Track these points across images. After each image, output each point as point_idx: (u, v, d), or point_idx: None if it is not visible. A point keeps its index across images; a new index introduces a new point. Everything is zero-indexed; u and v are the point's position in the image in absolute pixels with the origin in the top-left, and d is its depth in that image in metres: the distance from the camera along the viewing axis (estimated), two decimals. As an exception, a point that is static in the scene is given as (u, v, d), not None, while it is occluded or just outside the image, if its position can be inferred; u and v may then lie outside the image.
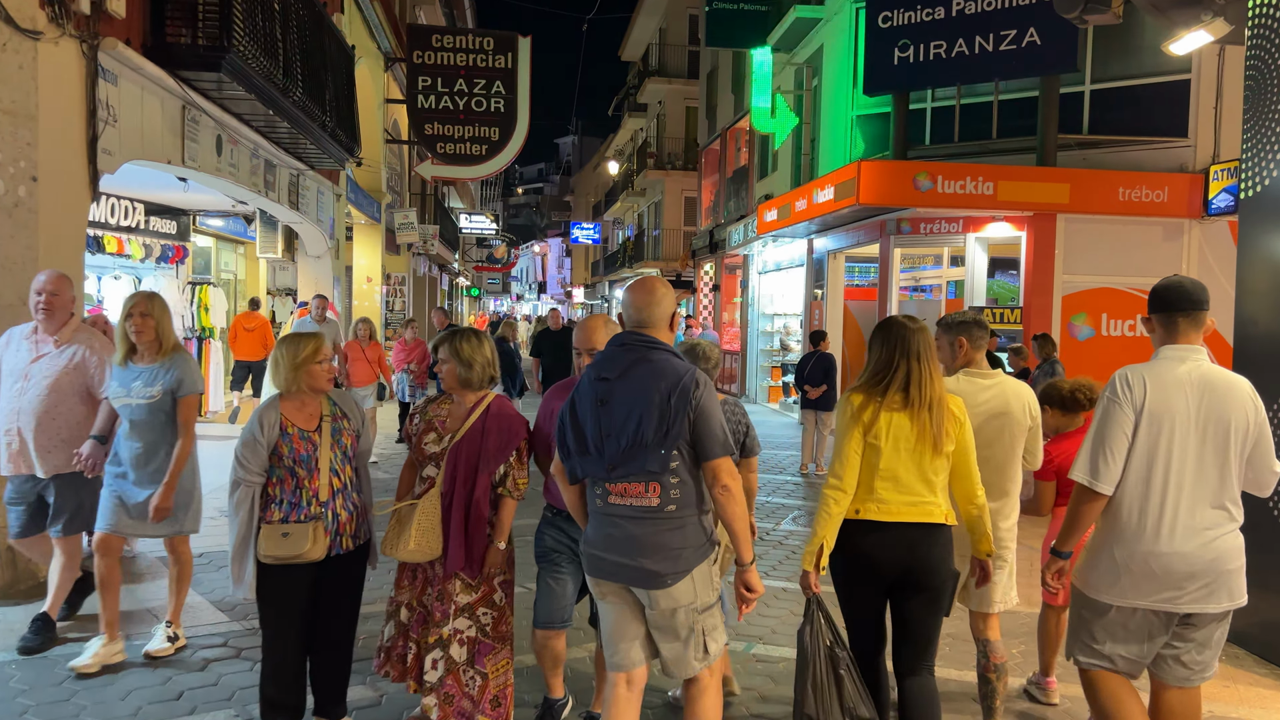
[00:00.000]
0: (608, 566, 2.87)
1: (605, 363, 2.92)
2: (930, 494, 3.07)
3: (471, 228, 36.61)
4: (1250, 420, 2.88)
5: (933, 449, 3.06)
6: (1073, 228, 11.13)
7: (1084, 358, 11.20)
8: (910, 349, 3.10)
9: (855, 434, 3.08)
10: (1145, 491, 2.89)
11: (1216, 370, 2.93)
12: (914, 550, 3.06)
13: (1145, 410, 2.86)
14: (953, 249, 12.62)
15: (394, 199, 20.56)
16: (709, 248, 23.17)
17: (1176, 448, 2.86)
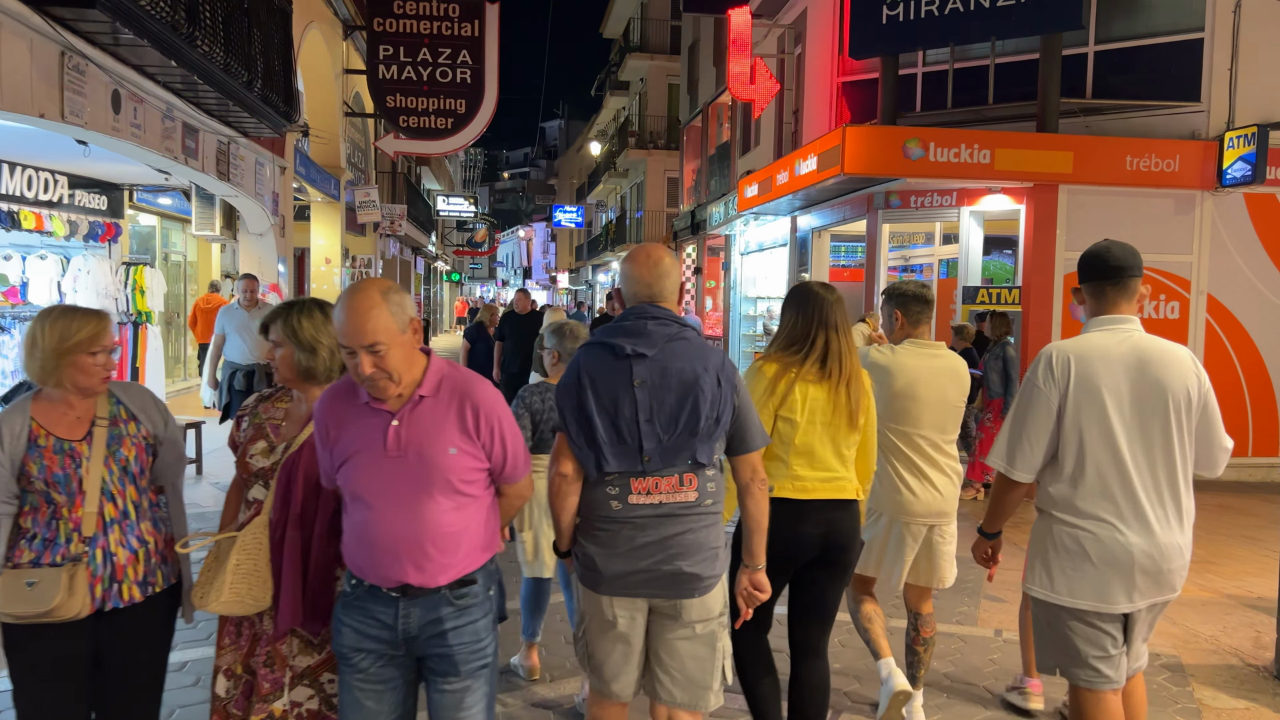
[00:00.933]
0: (635, 580, 2.51)
1: (632, 337, 2.55)
2: (844, 469, 3.03)
3: (449, 210, 35.58)
4: (1193, 392, 2.66)
5: (849, 423, 3.00)
6: (1076, 200, 10.24)
7: (1087, 341, 10.32)
8: (829, 320, 3.01)
9: (769, 407, 2.96)
10: (1081, 480, 2.66)
11: (1152, 341, 2.70)
12: (831, 527, 3.00)
13: (1072, 390, 2.65)
14: (945, 225, 11.72)
15: (358, 176, 19.54)
16: (691, 229, 22.23)
17: (1112, 428, 2.63)
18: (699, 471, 2.54)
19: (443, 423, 2.31)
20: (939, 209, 10.94)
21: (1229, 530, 7.90)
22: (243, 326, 7.85)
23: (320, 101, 16.03)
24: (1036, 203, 10.22)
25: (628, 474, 2.51)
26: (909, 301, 3.65)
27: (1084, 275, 2.85)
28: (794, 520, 2.95)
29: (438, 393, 2.34)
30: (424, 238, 28.45)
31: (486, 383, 2.43)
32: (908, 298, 3.66)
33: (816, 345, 3.01)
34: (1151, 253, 10.46)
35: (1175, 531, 2.68)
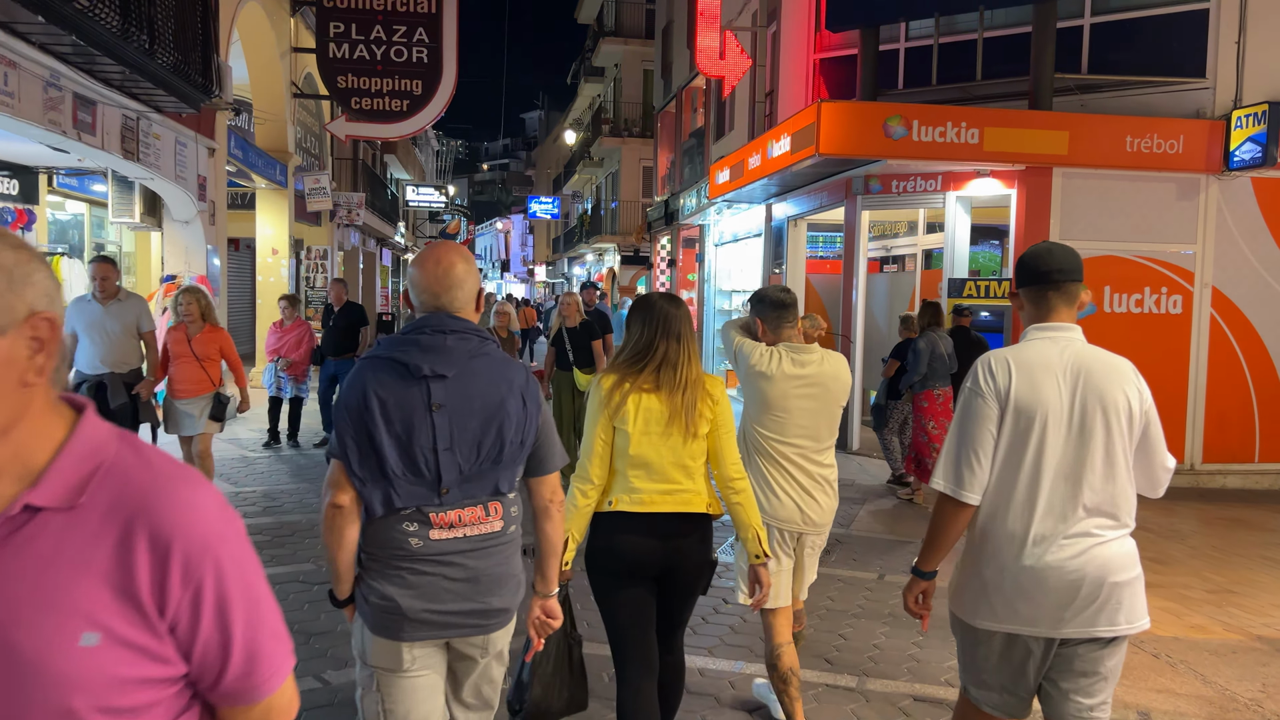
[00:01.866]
0: (441, 622, 2.30)
1: (430, 354, 2.29)
2: (689, 481, 2.92)
3: (419, 201, 34.47)
4: (1135, 408, 2.47)
5: (684, 432, 2.90)
6: (1071, 184, 9.39)
7: (1083, 338, 9.49)
8: (670, 329, 2.95)
9: (602, 419, 2.90)
10: (1014, 495, 2.46)
11: (1094, 351, 2.52)
12: (672, 542, 2.91)
13: (1011, 400, 2.45)
14: (930, 212, 10.86)
15: (310, 162, 18.51)
16: (665, 219, 21.31)
17: (1050, 442, 2.44)
18: (502, 499, 2.38)
19: (72, 571, 1.10)
20: (923, 194, 10.07)
21: (1247, 551, 7.08)
22: (94, 325, 6.31)
23: (264, 81, 15.01)
24: (1029, 187, 9.37)
25: (424, 508, 2.28)
26: (767, 308, 3.59)
27: (1023, 279, 2.61)
28: (633, 534, 2.88)
29: (76, 504, 1.11)
30: (389, 228, 27.39)
31: (204, 490, 1.18)
32: (765, 304, 3.60)
33: (655, 355, 2.91)
34: (1152, 241, 9.70)
35: (1118, 545, 2.46)
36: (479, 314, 2.43)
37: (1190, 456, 9.67)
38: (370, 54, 15.65)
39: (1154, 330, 9.52)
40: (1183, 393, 9.63)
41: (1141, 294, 9.53)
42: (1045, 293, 2.55)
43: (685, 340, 2.95)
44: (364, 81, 15.74)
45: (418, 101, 15.94)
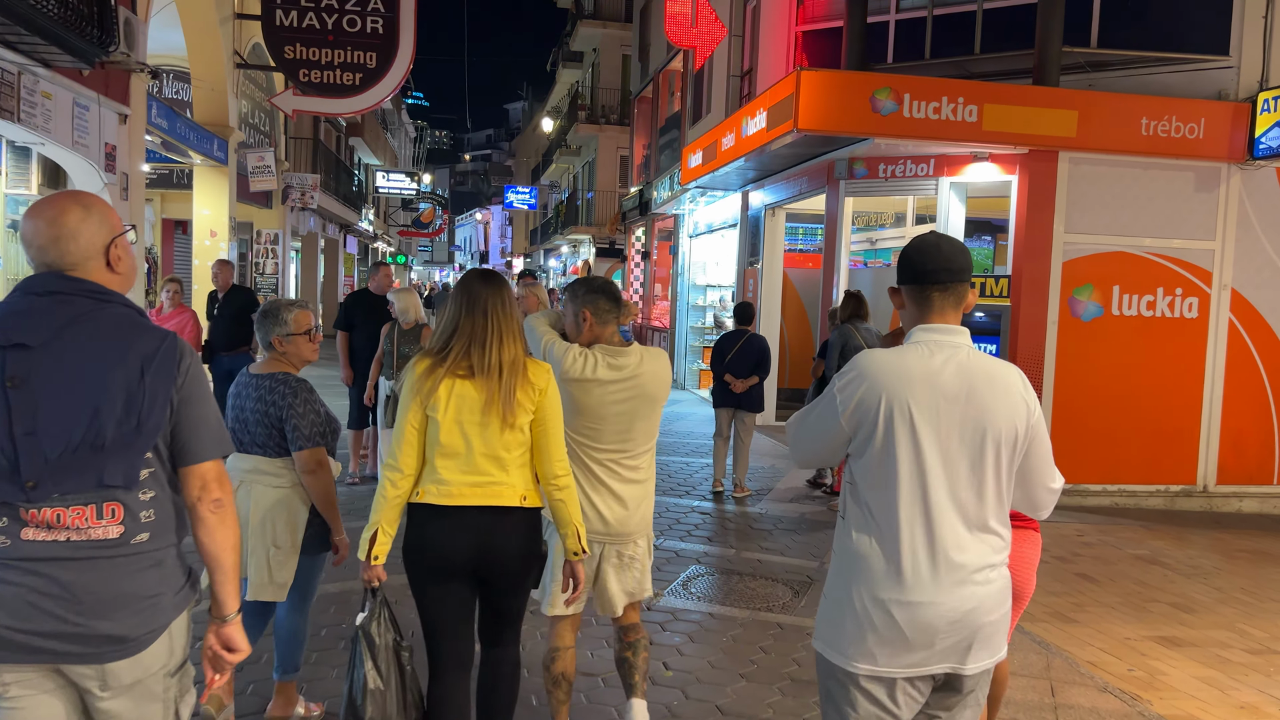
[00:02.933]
0: (26, 644, 1.88)
1: (16, 321, 1.93)
2: (502, 473, 2.77)
3: (390, 187, 33.21)
4: (1021, 421, 2.17)
5: (501, 421, 2.73)
6: (1079, 171, 8.39)
7: (1089, 344, 8.51)
8: (481, 306, 2.79)
9: (414, 406, 2.74)
10: (887, 520, 2.16)
11: (978, 358, 2.20)
12: (484, 538, 2.76)
13: (881, 409, 2.14)
14: (920, 201, 9.83)
15: (259, 139, 17.31)
16: (639, 210, 20.24)
17: (927, 461, 2.13)
18: (123, 497, 1.94)
19: None
20: (913, 180, 9.04)
21: None
22: None
23: (202, 48, 13.81)
24: (1032, 173, 8.36)
25: (11, 503, 1.88)
26: (599, 298, 3.32)
27: (905, 275, 2.28)
28: (441, 528, 2.77)
29: None
30: (353, 214, 26.16)
31: None
32: (596, 293, 3.34)
33: (461, 335, 2.78)
34: (1167, 237, 8.69)
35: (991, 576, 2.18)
36: (118, 274, 2.06)
37: (1203, 477, 8.71)
38: (320, 23, 14.51)
39: (1166, 336, 8.54)
40: (1196, 406, 8.66)
41: (1154, 295, 8.54)
42: (929, 292, 2.24)
43: (497, 319, 2.78)
44: (313, 52, 14.57)
45: (371, 75, 14.78)
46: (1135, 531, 7.72)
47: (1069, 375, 8.46)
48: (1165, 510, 8.60)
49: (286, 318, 3.45)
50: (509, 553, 2.80)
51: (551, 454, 2.84)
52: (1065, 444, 8.63)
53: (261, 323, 3.48)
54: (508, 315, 2.82)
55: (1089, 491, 8.56)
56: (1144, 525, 7.96)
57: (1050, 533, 7.47)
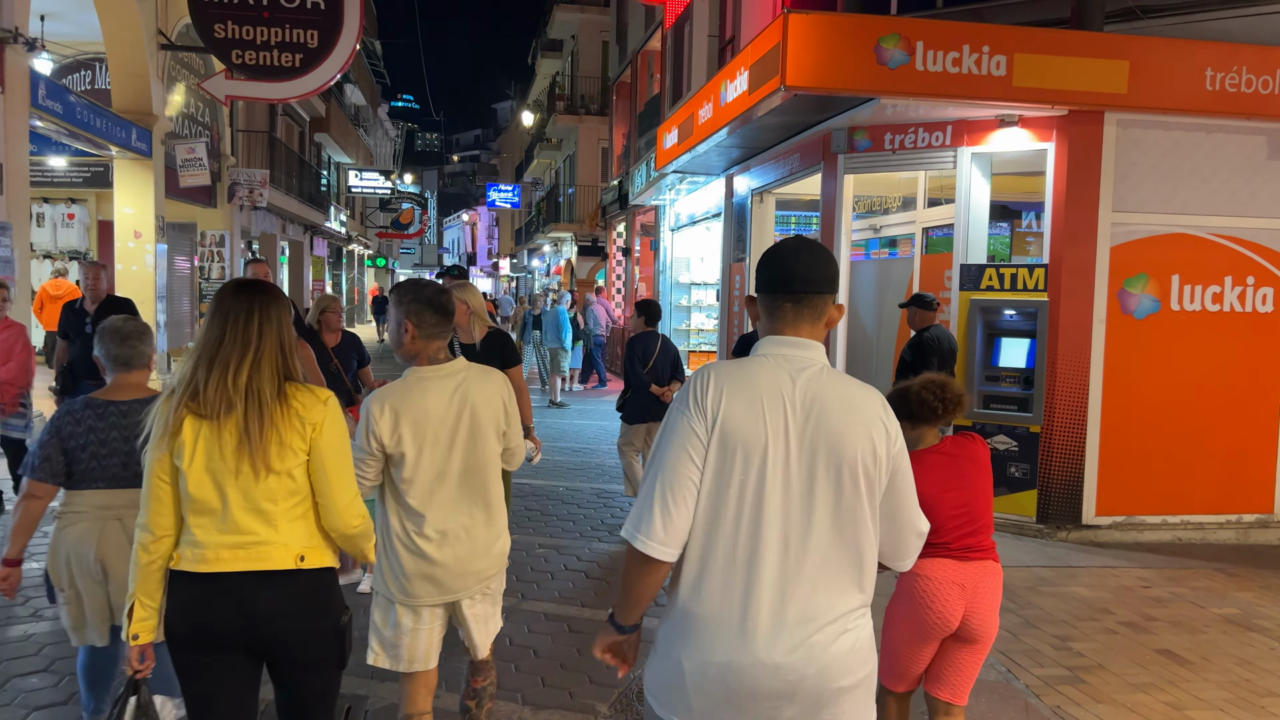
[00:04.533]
0: None
1: None
2: (268, 530, 2.33)
3: (363, 187, 31.66)
4: (877, 454, 1.91)
5: (259, 466, 2.30)
6: (1129, 136, 6.89)
7: (1143, 346, 7.00)
8: (231, 323, 2.35)
9: (158, 452, 2.32)
10: (720, 562, 1.88)
11: (834, 378, 1.94)
12: (250, 609, 2.31)
13: (718, 430, 1.88)
14: (934, 181, 8.32)
15: (197, 131, 15.77)
16: (619, 203, 18.73)
17: (769, 495, 1.87)
18: None
19: None
20: (926, 152, 7.52)
21: None
22: None
23: (119, 27, 12.29)
24: (1072, 139, 6.85)
25: None
26: (425, 310, 2.89)
27: (759, 282, 2.03)
28: (198, 599, 2.32)
29: None
30: (318, 215, 24.61)
31: None
32: (424, 304, 2.89)
33: (203, 360, 2.35)
34: (1235, 215, 6.68)
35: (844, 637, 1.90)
36: None
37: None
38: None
39: (1235, 334, 7.04)
40: (1272, 420, 7.15)
41: (1220, 286, 7.04)
42: (782, 303, 1.96)
43: (249, 338, 2.32)
44: (247, 31, 13.05)
45: (313, 55, 13.25)
46: (1211, 578, 6.22)
47: (1119, 384, 6.96)
48: (1239, 545, 7.10)
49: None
50: (285, 627, 2.35)
51: (334, 503, 2.39)
52: (1115, 467, 7.15)
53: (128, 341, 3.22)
54: (267, 332, 2.35)
55: (1145, 524, 7.06)
56: (1219, 568, 6.46)
57: (1109, 583, 5.97)
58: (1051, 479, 6.97)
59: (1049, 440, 6.94)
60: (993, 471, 6.92)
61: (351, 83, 32.06)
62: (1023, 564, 6.33)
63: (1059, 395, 6.92)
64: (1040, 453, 6.95)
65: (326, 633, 2.42)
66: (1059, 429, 6.94)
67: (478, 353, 4.75)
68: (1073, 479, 6.97)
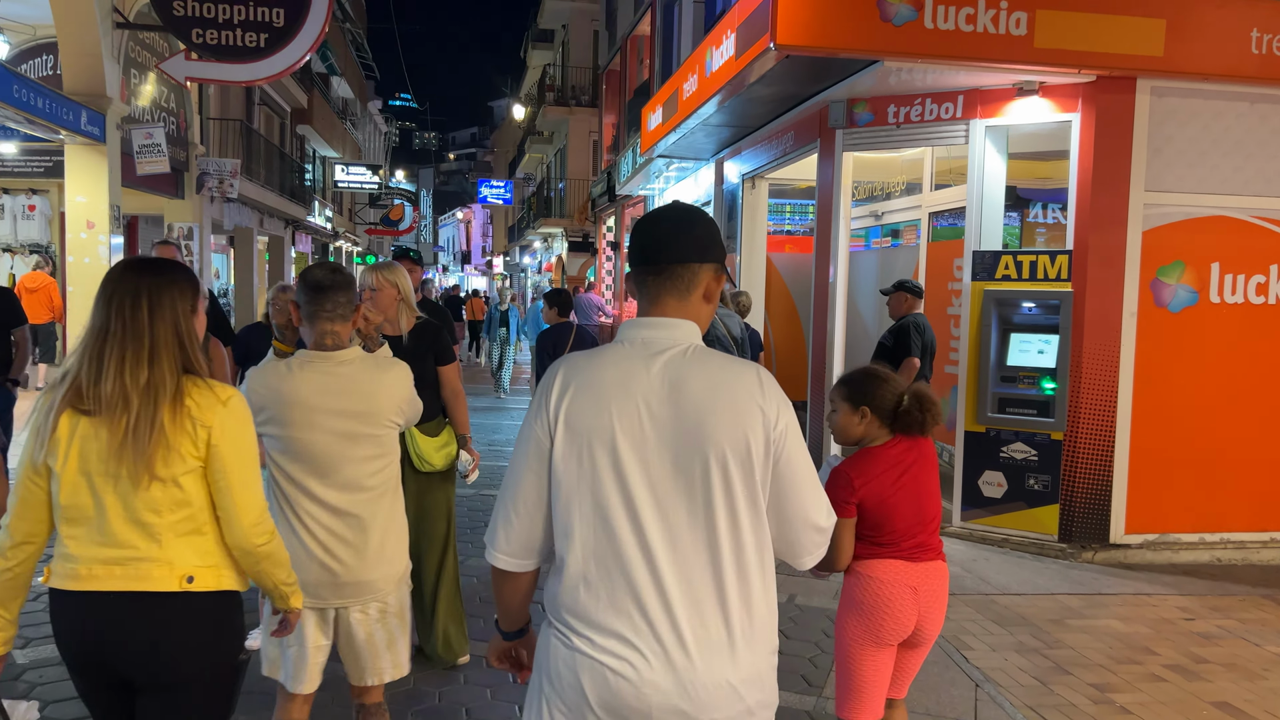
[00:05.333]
0: None
1: None
2: (150, 545, 2.04)
3: (349, 181, 30.82)
4: (750, 441, 1.65)
5: (141, 472, 2.01)
6: (1165, 106, 6.11)
7: (1179, 343, 6.23)
8: (117, 306, 2.05)
9: (29, 450, 2.07)
10: (588, 569, 1.67)
11: (699, 359, 1.69)
12: (118, 634, 2.03)
13: (561, 431, 1.68)
14: (943, 164, 7.54)
15: (161, 118, 14.98)
16: (608, 196, 17.95)
17: (626, 495, 1.65)
18: None
19: None
20: (935, 125, 6.73)
21: None
22: None
23: (68, 2, 11.51)
24: (1100, 109, 6.07)
25: None
26: (303, 288, 2.76)
27: (629, 255, 1.87)
28: (69, 622, 2.08)
29: None
30: (299, 209, 23.81)
31: None
32: (303, 282, 2.77)
33: (97, 349, 2.06)
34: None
35: (724, 660, 1.65)
36: None
37: (1335, 521, 6.42)
38: (216, -27, 12.23)
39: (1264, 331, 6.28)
40: (1323, 425, 6.38)
41: (1265, 275, 6.27)
42: (644, 278, 1.75)
43: (136, 325, 2.03)
44: (208, 9, 12.27)
45: (279, 35, 12.45)
46: (1262, 608, 5.44)
47: (1151, 385, 6.19)
48: (1286, 567, 6.32)
49: None
50: (160, 660, 2.03)
51: (236, 517, 2.08)
52: (1147, 479, 6.36)
53: None
54: (159, 320, 2.04)
55: (1180, 543, 6.28)
56: (1268, 594, 5.68)
57: (1145, 614, 5.20)
58: (1075, 492, 6.19)
59: (1073, 449, 6.17)
60: (1009, 483, 6.13)
61: (338, 75, 31.28)
62: (1045, 590, 5.54)
63: (1084, 398, 6.14)
64: (1063, 463, 6.18)
65: (208, 671, 2.11)
66: (1084, 436, 6.16)
67: (404, 347, 3.94)
68: (1099, 492, 6.19)
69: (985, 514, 6.48)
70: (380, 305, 3.98)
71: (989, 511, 6.46)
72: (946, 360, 7.05)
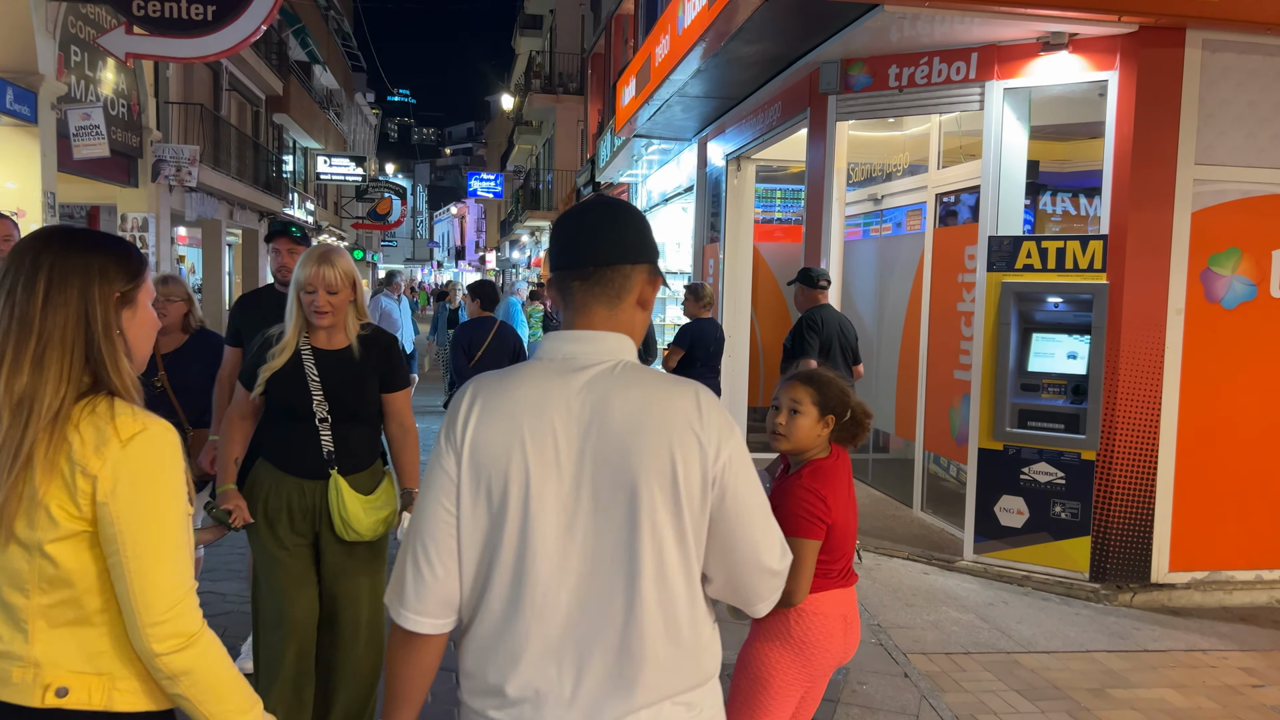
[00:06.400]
0: None
1: None
2: (12, 635, 1.47)
3: (332, 174, 29.83)
4: (684, 474, 1.41)
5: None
6: (1220, 62, 5.13)
7: (1235, 344, 5.25)
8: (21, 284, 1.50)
9: None
10: (490, 626, 1.46)
11: (628, 378, 1.45)
12: None
13: (466, 463, 1.45)
14: (951, 140, 6.56)
15: (110, 98, 13.99)
16: (592, 185, 16.98)
17: (538, 538, 1.42)
18: None
19: None
20: (943, 88, 5.74)
21: None
22: None
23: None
24: (1142, 67, 5.08)
25: None
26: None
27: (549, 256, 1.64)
28: None
29: None
30: (273, 200, 22.80)
31: None
32: None
33: None
34: None
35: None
36: None
37: None
38: (159, -61, 11.26)
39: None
40: (1401, 441, 5.39)
41: (1336, 265, 5.28)
42: (568, 283, 1.50)
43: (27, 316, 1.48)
44: (150, -23, 11.35)
45: (227, 7, 11.45)
46: (1343, 668, 4.46)
47: (1201, 395, 5.21)
48: (1359, 611, 5.34)
49: None
50: None
51: (135, 613, 1.45)
52: (1195, 506, 5.38)
53: None
54: (51, 305, 1.48)
55: (1235, 582, 5.30)
56: (1346, 649, 4.71)
57: (1204, 679, 4.23)
58: (1111, 522, 5.21)
59: (1108, 470, 5.19)
60: (1031, 511, 5.16)
61: (320, 63, 30.28)
62: (1079, 646, 4.56)
63: (1121, 410, 5.16)
64: (1096, 487, 5.20)
65: None
66: (1121, 455, 5.18)
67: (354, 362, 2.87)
68: (1139, 522, 5.21)
69: (1003, 546, 5.50)
70: (337, 307, 2.80)
71: (1007, 544, 5.48)
72: (956, 365, 6.07)
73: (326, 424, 2.80)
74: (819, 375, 2.55)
